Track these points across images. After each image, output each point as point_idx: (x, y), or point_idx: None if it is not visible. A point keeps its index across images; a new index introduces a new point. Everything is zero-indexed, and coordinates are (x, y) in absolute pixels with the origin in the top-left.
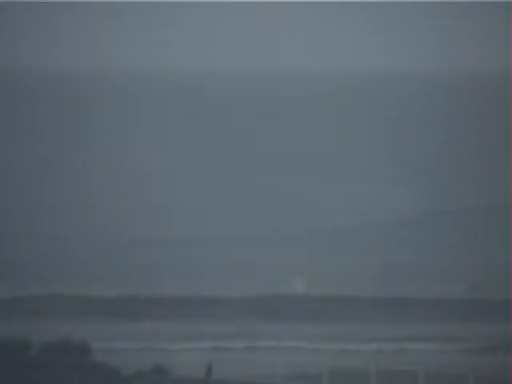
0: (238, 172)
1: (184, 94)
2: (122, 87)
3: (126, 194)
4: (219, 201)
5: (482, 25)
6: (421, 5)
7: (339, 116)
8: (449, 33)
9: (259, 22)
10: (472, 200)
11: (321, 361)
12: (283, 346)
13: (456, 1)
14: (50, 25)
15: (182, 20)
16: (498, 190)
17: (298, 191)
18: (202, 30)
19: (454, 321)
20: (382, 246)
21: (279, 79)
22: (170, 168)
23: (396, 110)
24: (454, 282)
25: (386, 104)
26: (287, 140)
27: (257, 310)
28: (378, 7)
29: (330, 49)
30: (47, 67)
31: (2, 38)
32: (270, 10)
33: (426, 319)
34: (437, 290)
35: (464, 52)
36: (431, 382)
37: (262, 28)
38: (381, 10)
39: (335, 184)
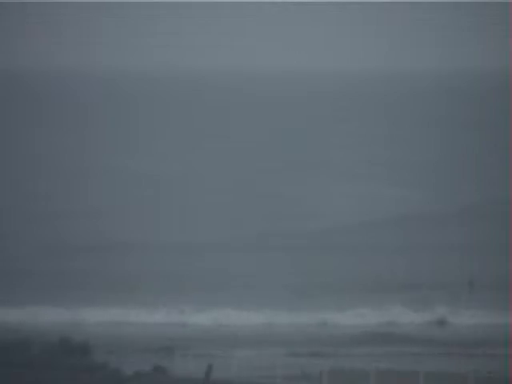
0: (237, 173)
1: (183, 94)
2: (121, 87)
3: (123, 195)
4: (217, 202)
5: (482, 25)
6: (421, 5)
7: (339, 116)
8: (449, 33)
9: (258, 23)
10: (471, 200)
11: (320, 361)
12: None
13: (456, 1)
14: (50, 25)
15: (182, 20)
16: (498, 190)
17: (297, 192)
18: (203, 30)
19: (453, 320)
20: (381, 245)
21: (278, 79)
22: (167, 168)
23: (396, 109)
24: (453, 280)
25: (385, 104)
26: (286, 140)
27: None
28: (378, 7)
29: (330, 49)
30: (47, 67)
31: (2, 38)
32: (270, 10)
33: (425, 318)
34: (436, 289)
35: (464, 52)
36: (431, 382)
37: (261, 28)
38: (381, 10)
39: (334, 184)
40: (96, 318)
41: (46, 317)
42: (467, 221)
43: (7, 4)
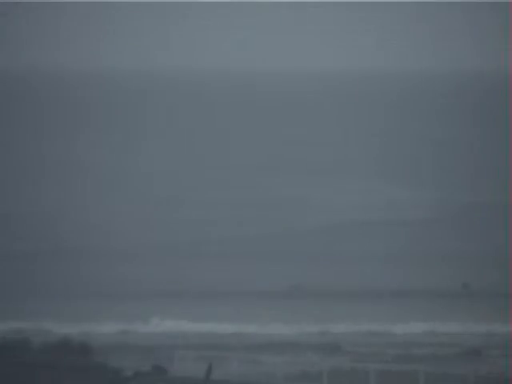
0: (236, 172)
1: (183, 94)
2: (122, 87)
3: (121, 195)
4: (216, 202)
5: (482, 25)
6: (421, 5)
7: (339, 115)
8: (448, 33)
9: (255, 23)
10: (471, 199)
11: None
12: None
13: (456, 1)
14: (50, 25)
15: (181, 20)
16: (497, 190)
17: (296, 192)
18: (202, 30)
19: (452, 320)
20: (378, 243)
21: (278, 79)
22: (163, 167)
23: (396, 109)
24: (450, 280)
25: (386, 104)
26: (284, 139)
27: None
28: (379, 7)
29: (334, 49)
30: (47, 67)
31: (2, 38)
32: (268, 10)
33: (424, 317)
34: (433, 287)
35: (464, 52)
36: (431, 382)
37: (258, 28)
38: (381, 10)
39: (332, 183)
40: None
41: None
42: (465, 220)
43: (7, 4)
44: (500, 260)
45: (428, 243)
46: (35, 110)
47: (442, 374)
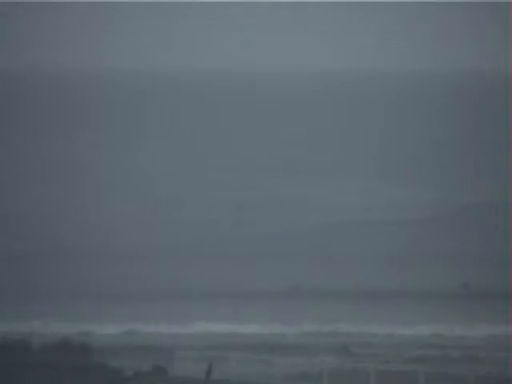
0: (237, 172)
1: (184, 94)
2: (122, 87)
3: (122, 195)
4: (216, 203)
5: (482, 25)
6: (421, 5)
7: (339, 115)
8: (448, 33)
9: (256, 23)
10: (471, 199)
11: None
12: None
13: (456, 1)
14: (50, 25)
15: (182, 20)
16: (497, 190)
17: (296, 192)
18: (203, 30)
19: (452, 320)
20: (378, 243)
21: (279, 78)
22: (169, 167)
23: (396, 109)
24: (450, 280)
25: (386, 104)
26: (284, 139)
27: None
28: (379, 7)
29: (334, 49)
30: (47, 67)
31: (2, 38)
32: (268, 10)
33: (424, 317)
34: (433, 287)
35: (464, 52)
36: (431, 382)
37: (259, 28)
38: (381, 10)
39: (332, 183)
40: None
41: None
42: (464, 220)
43: (7, 4)
44: (500, 260)
45: (428, 243)
46: (35, 110)
47: (442, 374)
